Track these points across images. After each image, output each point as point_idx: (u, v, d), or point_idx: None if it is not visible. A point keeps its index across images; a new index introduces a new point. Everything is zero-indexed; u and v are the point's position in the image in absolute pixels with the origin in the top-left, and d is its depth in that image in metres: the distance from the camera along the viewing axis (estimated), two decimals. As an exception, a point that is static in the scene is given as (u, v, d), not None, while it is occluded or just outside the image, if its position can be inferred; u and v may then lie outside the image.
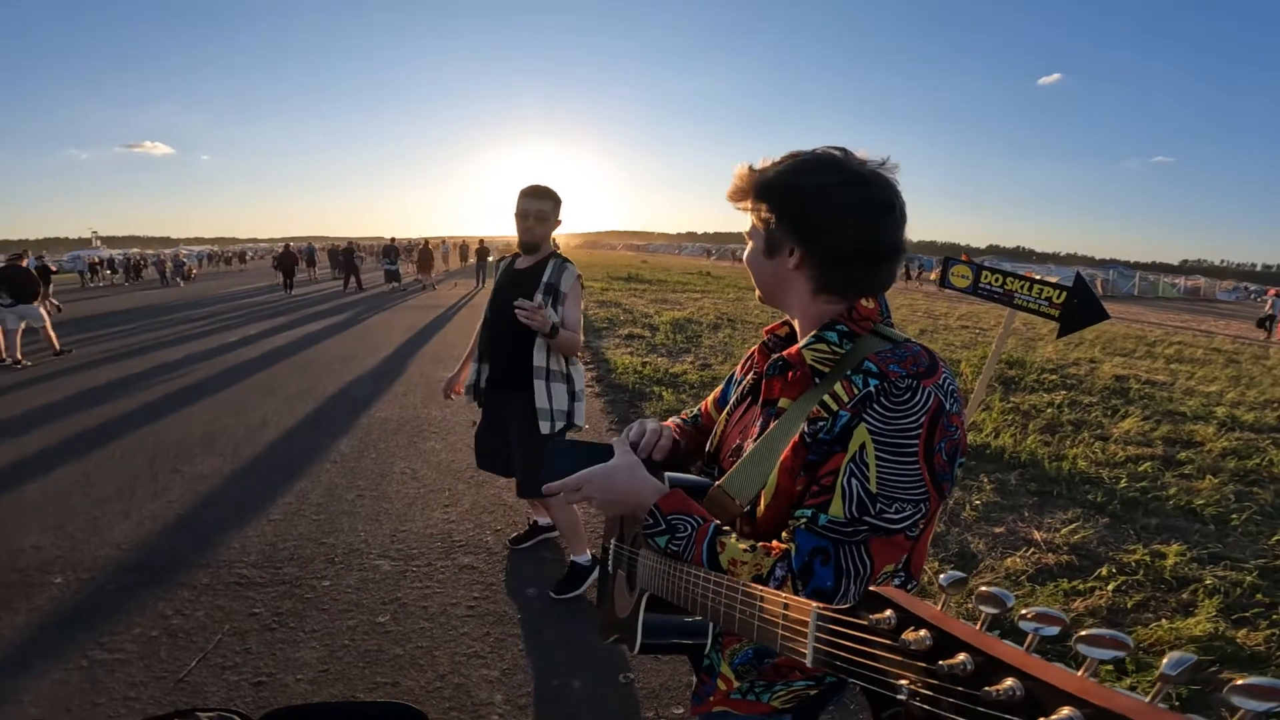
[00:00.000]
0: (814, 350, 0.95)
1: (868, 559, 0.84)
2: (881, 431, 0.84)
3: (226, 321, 12.80)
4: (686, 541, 0.94)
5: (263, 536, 3.57)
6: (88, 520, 3.78)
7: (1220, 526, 3.98)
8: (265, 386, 7.10)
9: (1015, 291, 5.48)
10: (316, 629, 2.77)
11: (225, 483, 4.35)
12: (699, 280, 24.79)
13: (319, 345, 9.91)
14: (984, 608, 0.48)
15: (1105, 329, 15.42)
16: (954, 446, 0.86)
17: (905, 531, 0.85)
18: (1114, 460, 5.10)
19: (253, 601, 2.97)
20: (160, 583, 3.12)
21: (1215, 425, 6.20)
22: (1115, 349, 11.54)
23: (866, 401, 0.85)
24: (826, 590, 0.83)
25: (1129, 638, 0.42)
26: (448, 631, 2.75)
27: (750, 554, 0.89)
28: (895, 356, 0.88)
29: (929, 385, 0.85)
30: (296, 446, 5.05)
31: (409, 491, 4.19)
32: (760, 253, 1.02)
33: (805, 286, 0.99)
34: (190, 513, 3.89)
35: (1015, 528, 3.86)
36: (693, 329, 11.18)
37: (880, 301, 0.99)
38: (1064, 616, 0.45)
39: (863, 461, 0.84)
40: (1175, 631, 2.79)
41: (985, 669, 0.44)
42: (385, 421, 5.72)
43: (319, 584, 3.11)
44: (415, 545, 3.48)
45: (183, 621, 2.83)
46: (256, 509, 3.91)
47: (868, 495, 0.83)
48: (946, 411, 0.85)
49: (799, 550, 0.85)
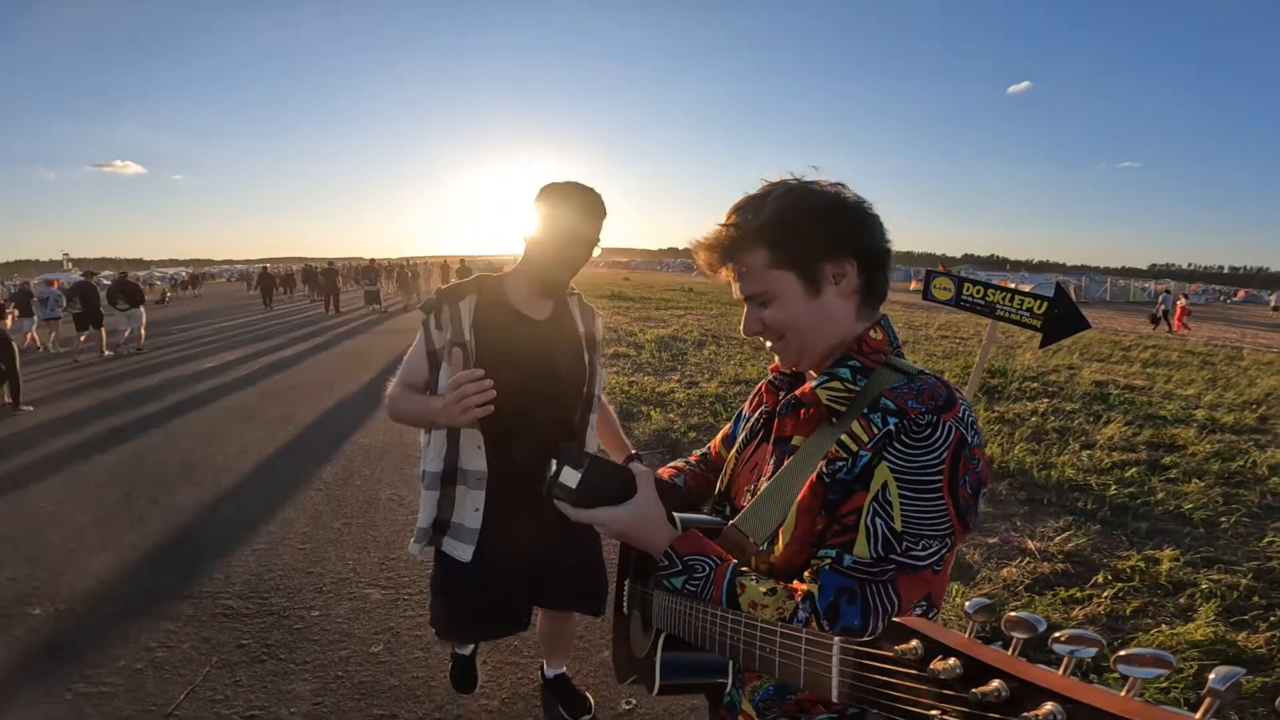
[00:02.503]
0: (828, 389, 0.93)
1: (895, 596, 0.82)
2: (904, 470, 0.82)
3: (204, 347, 12.56)
4: (704, 582, 0.92)
5: (247, 567, 3.48)
6: (63, 552, 3.68)
7: (1210, 529, 4.02)
8: (244, 413, 6.95)
9: (997, 303, 5.55)
10: (308, 660, 2.69)
11: (205, 513, 4.24)
12: (682, 297, 24.87)
13: (298, 370, 9.76)
14: (1014, 633, 0.48)
15: (1081, 335, 15.68)
16: (978, 479, 0.85)
17: (932, 567, 0.83)
18: (1101, 467, 5.15)
19: (240, 633, 2.88)
20: (143, 614, 3.03)
21: (1196, 428, 6.30)
22: (1092, 355, 11.74)
23: (887, 440, 0.84)
24: (855, 629, 0.82)
25: (1171, 656, 0.41)
26: (444, 661, 2.67)
27: (771, 596, 0.87)
28: (912, 391, 0.86)
29: (949, 420, 0.83)
30: (278, 475, 4.94)
31: (397, 518, 4.10)
32: (801, 297, 0.95)
33: (852, 309, 0.97)
34: (170, 544, 3.79)
35: (1009, 537, 3.87)
36: (678, 346, 11.18)
37: (888, 330, 0.99)
38: (1099, 638, 0.44)
39: (886, 500, 0.82)
40: (1177, 636, 2.79)
41: (1021, 695, 0.43)
42: (369, 448, 5.62)
43: (308, 614, 3.03)
44: (406, 573, 3.40)
45: (168, 654, 2.75)
46: (239, 539, 3.81)
47: (893, 534, 0.82)
48: (969, 445, 0.83)
49: (824, 590, 0.83)
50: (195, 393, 8.14)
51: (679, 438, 5.84)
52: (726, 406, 6.84)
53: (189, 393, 8.12)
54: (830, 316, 0.96)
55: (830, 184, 0.97)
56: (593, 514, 1.02)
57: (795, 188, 0.96)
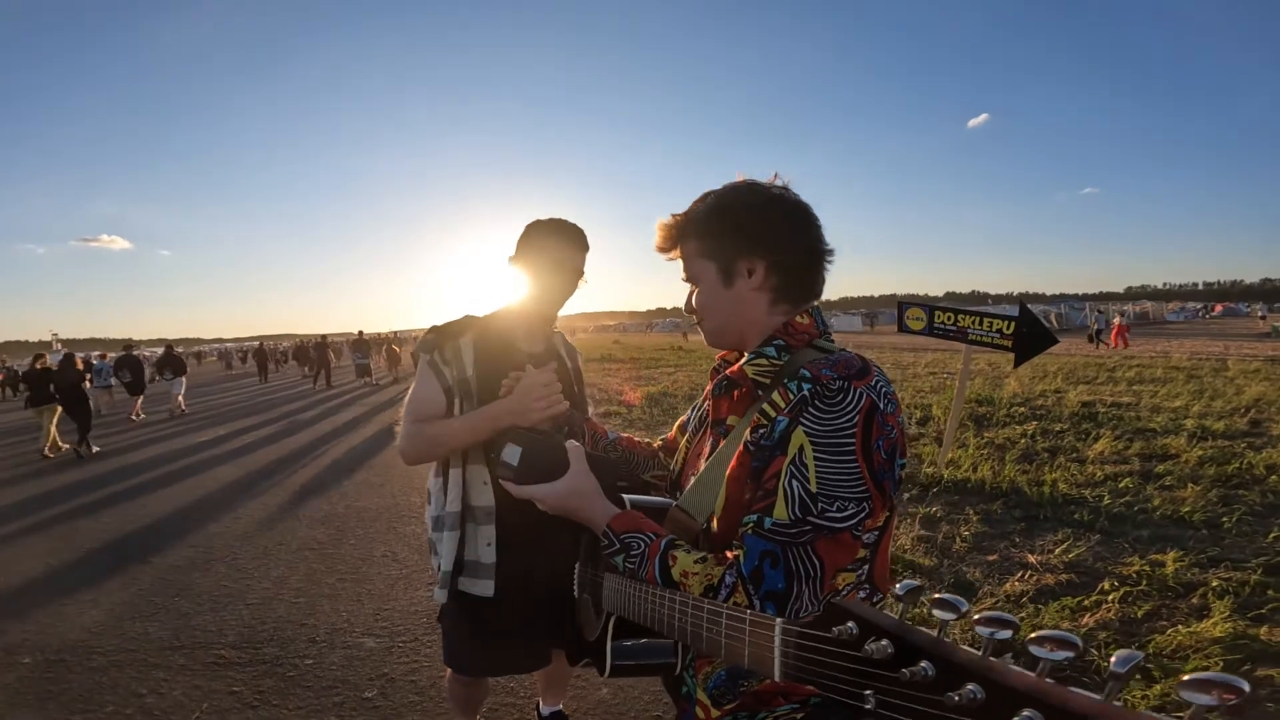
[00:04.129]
0: (754, 365, 0.99)
1: (817, 560, 0.84)
2: (817, 432, 0.86)
3: (196, 421, 12.47)
4: (640, 559, 0.95)
5: (240, 620, 3.43)
6: (55, 608, 3.67)
7: (1213, 530, 4.00)
8: (238, 483, 6.87)
9: (968, 328, 5.66)
10: (301, 706, 2.63)
11: (198, 572, 4.19)
12: (672, 356, 24.96)
13: (291, 441, 9.67)
14: (939, 614, 0.51)
15: (1066, 359, 15.84)
16: (892, 445, 0.88)
17: (851, 530, 0.85)
18: (1093, 480, 5.15)
19: (232, 680, 2.83)
20: (133, 664, 3.01)
21: (1186, 437, 6.33)
22: (1078, 378, 11.83)
23: (802, 405, 0.88)
24: (779, 592, 0.83)
25: (1079, 638, 0.43)
26: (439, 704, 2.61)
27: (701, 565, 0.90)
28: (828, 362, 0.92)
29: (860, 386, 0.88)
30: (272, 538, 4.86)
31: (391, 573, 4.04)
32: (717, 285, 1.04)
33: (764, 302, 1.03)
34: (163, 600, 3.75)
35: (1008, 554, 3.84)
36: (668, 402, 11.18)
37: (816, 317, 1.04)
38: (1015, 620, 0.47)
39: (802, 463, 0.86)
40: (1195, 635, 2.74)
41: (946, 675, 0.46)
42: (363, 510, 5.55)
43: (301, 662, 2.97)
44: (400, 622, 3.33)
45: (158, 700, 2.71)
46: (232, 595, 3.77)
47: (809, 495, 0.85)
48: (881, 411, 0.87)
49: (748, 554, 0.86)
50: (192, 463, 8.08)
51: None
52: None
53: (185, 464, 8.05)
54: (739, 307, 1.03)
55: (777, 186, 1.04)
56: (531, 490, 1.09)
57: (738, 186, 1.04)
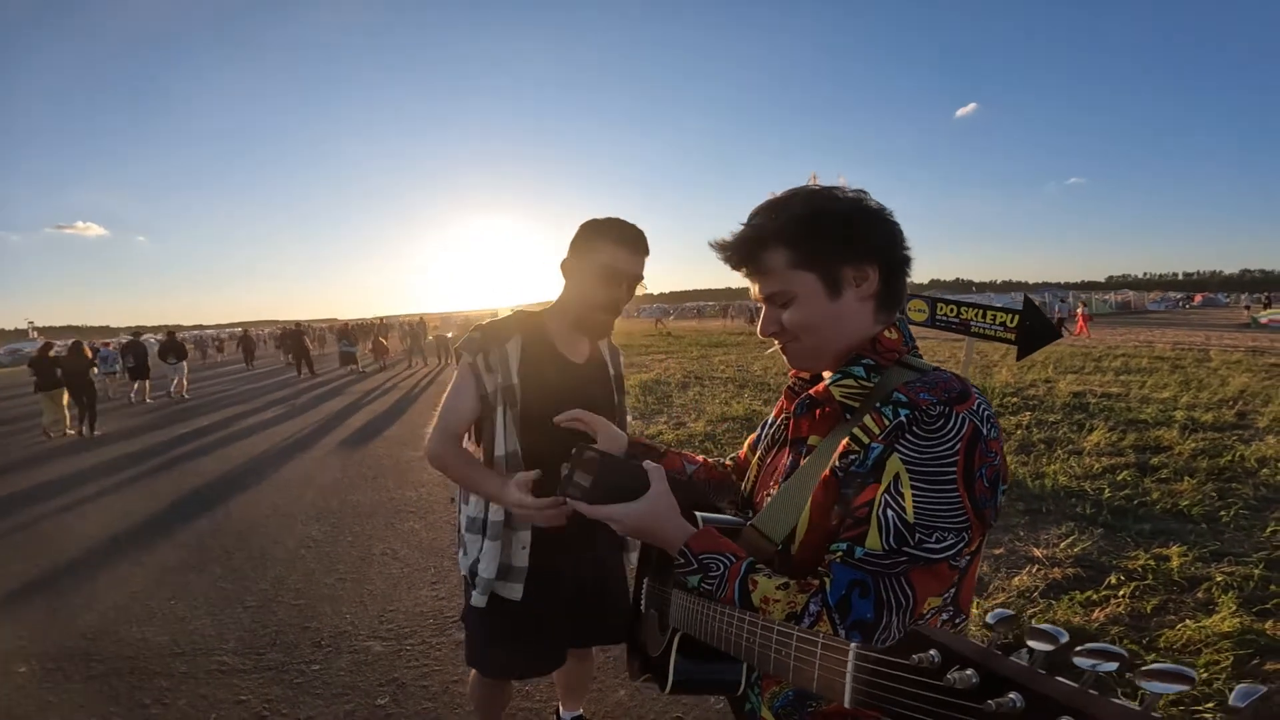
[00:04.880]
0: (842, 386, 0.94)
1: (909, 590, 0.80)
2: (915, 461, 0.82)
3: (174, 413, 12.27)
4: (719, 580, 0.91)
5: (240, 624, 3.36)
6: (47, 613, 3.58)
7: (1212, 524, 4.05)
8: (225, 477, 6.74)
9: (971, 320, 5.65)
10: (312, 715, 2.58)
11: (192, 573, 4.09)
12: (661, 342, 24.97)
13: (277, 431, 9.53)
14: (1034, 644, 0.48)
15: (1053, 349, 15.99)
16: (995, 472, 0.84)
17: (949, 561, 0.81)
18: (1092, 472, 5.20)
19: (237, 689, 2.77)
20: (134, 671, 2.93)
21: (1178, 429, 6.41)
22: (1066, 367, 11.96)
23: (898, 432, 0.83)
24: (867, 622, 0.80)
25: (1192, 670, 0.40)
26: (453, 710, 2.57)
27: (783, 591, 0.86)
28: (925, 384, 0.87)
29: (962, 411, 0.83)
30: (266, 536, 4.77)
31: (392, 572, 3.98)
32: (821, 298, 0.95)
33: (870, 312, 0.97)
34: (157, 603, 3.66)
35: (1014, 547, 3.86)
36: (662, 390, 11.17)
37: (903, 331, 0.99)
38: (1122, 651, 0.44)
39: (898, 492, 0.81)
40: (1204, 630, 2.77)
41: (1036, 708, 0.43)
42: (358, 505, 5.47)
43: (308, 668, 2.91)
44: (406, 624, 3.28)
45: (163, 711, 2.64)
46: (229, 598, 3.69)
47: (905, 526, 0.81)
48: (984, 437, 0.83)
49: (835, 584, 0.82)
50: (176, 457, 7.92)
51: (672, 473, 5.78)
52: (716, 445, 6.81)
53: (168, 458, 7.89)
54: (848, 319, 0.96)
55: (853, 190, 0.98)
56: (608, 511, 1.02)
57: (819, 192, 0.97)
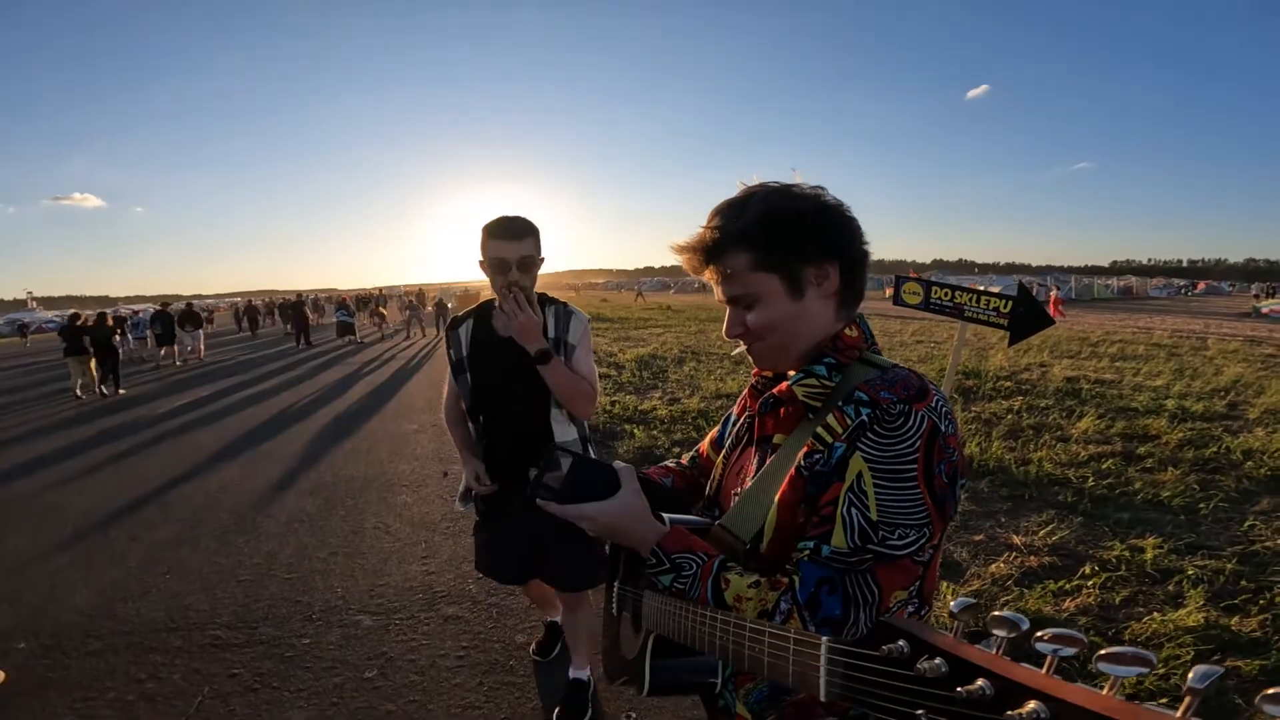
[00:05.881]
0: (804, 386, 0.96)
1: (875, 586, 0.83)
2: (877, 459, 0.84)
3: (172, 384, 12.32)
4: (692, 580, 0.93)
5: (233, 598, 3.43)
6: (45, 589, 3.62)
7: (1190, 516, 4.10)
8: (220, 449, 6.80)
9: (965, 304, 5.66)
10: (303, 688, 2.65)
11: (187, 547, 4.16)
12: (660, 315, 24.93)
13: (274, 403, 9.60)
14: (998, 632, 0.49)
15: (1050, 333, 15.99)
16: (954, 468, 0.86)
17: (912, 556, 0.84)
18: (1078, 460, 5.24)
19: (230, 663, 2.84)
20: (129, 647, 3.00)
21: (1167, 418, 6.44)
22: (1062, 351, 11.97)
23: (860, 430, 0.85)
24: (836, 619, 0.83)
25: (1151, 654, 0.41)
26: (439, 684, 2.65)
27: (755, 589, 0.88)
28: (885, 382, 0.89)
29: (921, 409, 0.85)
30: (260, 509, 4.84)
31: (384, 546, 4.05)
32: (784, 299, 0.96)
33: (832, 310, 0.99)
34: (153, 579, 3.72)
35: (994, 534, 3.92)
36: (658, 364, 11.20)
37: (864, 328, 1.01)
38: (1082, 637, 0.44)
39: (861, 490, 0.84)
40: (1170, 623, 2.82)
41: (1006, 693, 0.44)
42: (352, 479, 5.54)
43: (299, 642, 2.98)
44: (396, 599, 3.35)
45: (158, 685, 2.71)
46: (223, 572, 3.75)
47: (869, 523, 0.83)
48: (942, 434, 0.85)
49: (804, 581, 0.84)
50: (173, 428, 7.98)
51: (663, 455, 5.84)
52: (709, 421, 6.85)
53: (164, 430, 7.95)
54: (811, 318, 0.97)
55: (810, 187, 0.98)
56: (580, 510, 1.02)
57: (777, 190, 0.97)
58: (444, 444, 6.57)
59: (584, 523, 1.03)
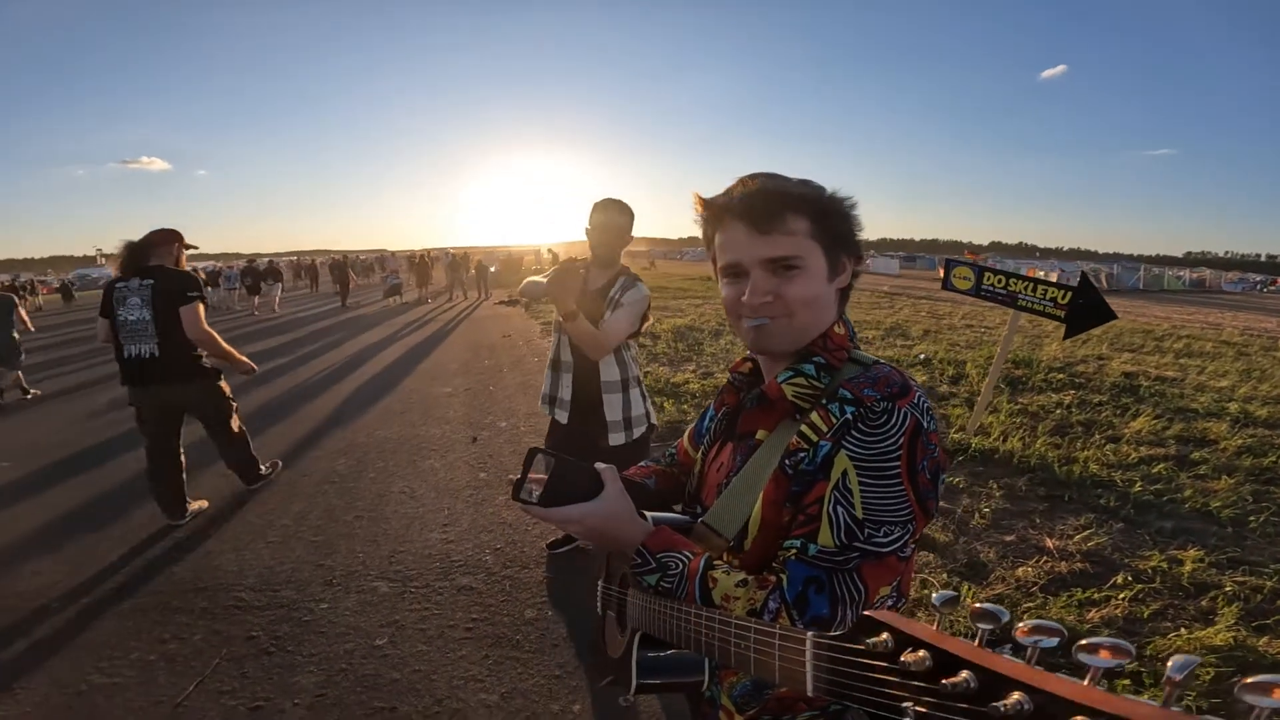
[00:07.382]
0: (793, 385, 0.96)
1: (862, 585, 0.84)
2: (862, 457, 0.84)
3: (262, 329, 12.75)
4: (678, 579, 0.93)
5: (260, 560, 3.54)
6: (88, 546, 3.77)
7: (1238, 529, 3.88)
8: (258, 410, 6.94)
9: (1019, 293, 5.40)
10: (314, 653, 2.73)
11: (224, 507, 4.30)
12: (700, 286, 24.72)
13: (313, 364, 9.85)
14: (979, 624, 0.49)
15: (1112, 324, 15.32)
16: (936, 465, 0.87)
17: (896, 553, 0.85)
18: (1126, 462, 5.00)
19: (250, 626, 2.93)
20: (158, 608, 3.11)
21: (1229, 422, 6.09)
22: (1123, 344, 11.43)
23: (845, 429, 0.86)
24: (824, 618, 0.83)
25: (1129, 644, 0.41)
26: (445, 654, 2.69)
27: (743, 588, 0.88)
28: (868, 380, 0.90)
29: (904, 405, 0.86)
30: (294, 469, 4.99)
31: (407, 511, 4.13)
32: (823, 277, 0.96)
33: (836, 304, 1.01)
34: (187, 539, 3.85)
35: (1026, 535, 3.78)
36: (694, 336, 11.10)
37: (848, 325, 1.01)
38: (1060, 627, 0.45)
39: (846, 488, 0.84)
40: (1195, 641, 2.70)
41: (989, 685, 0.44)
42: (384, 441, 5.66)
43: (317, 607, 3.07)
44: (414, 565, 3.43)
45: (180, 646, 2.81)
46: (254, 533, 3.87)
47: (855, 521, 0.84)
48: (925, 430, 0.86)
49: (791, 581, 0.85)
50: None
51: (693, 430, 5.80)
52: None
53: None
54: (828, 306, 0.99)
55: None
56: (564, 513, 1.00)
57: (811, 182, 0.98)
58: (475, 408, 6.66)
59: (569, 526, 1.01)
